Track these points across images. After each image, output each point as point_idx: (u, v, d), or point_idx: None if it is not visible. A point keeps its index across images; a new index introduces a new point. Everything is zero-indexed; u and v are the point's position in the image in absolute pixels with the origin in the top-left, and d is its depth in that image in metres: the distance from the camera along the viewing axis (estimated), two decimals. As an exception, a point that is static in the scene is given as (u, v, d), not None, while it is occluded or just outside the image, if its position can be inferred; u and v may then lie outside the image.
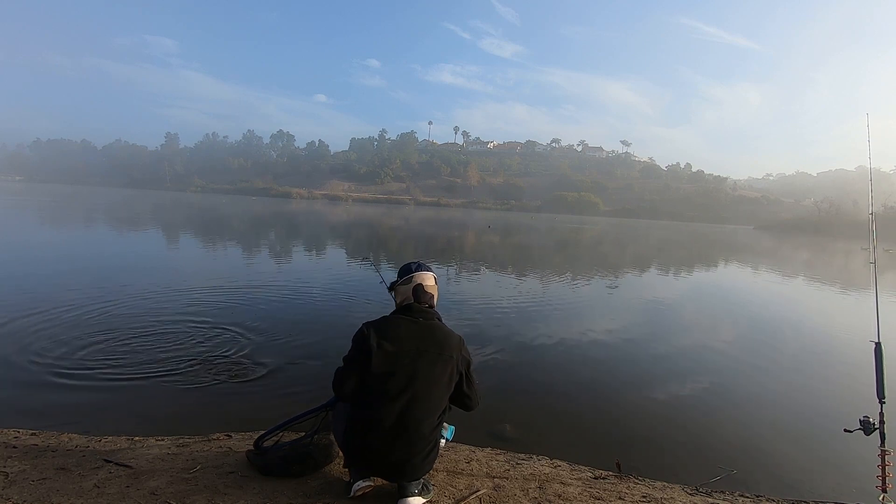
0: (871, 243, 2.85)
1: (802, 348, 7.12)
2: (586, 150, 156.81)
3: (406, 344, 2.16)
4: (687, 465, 3.34)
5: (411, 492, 2.14)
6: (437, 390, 2.16)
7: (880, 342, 2.54)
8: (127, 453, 2.66)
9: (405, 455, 2.08)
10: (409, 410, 2.09)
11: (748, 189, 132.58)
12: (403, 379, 2.11)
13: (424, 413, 2.11)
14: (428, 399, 2.13)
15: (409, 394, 2.10)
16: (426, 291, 2.31)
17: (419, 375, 2.12)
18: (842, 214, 65.69)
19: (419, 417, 2.10)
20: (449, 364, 2.18)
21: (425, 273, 2.35)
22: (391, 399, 2.09)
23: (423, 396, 2.12)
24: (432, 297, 2.33)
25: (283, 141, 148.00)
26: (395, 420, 2.08)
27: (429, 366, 2.14)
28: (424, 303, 2.30)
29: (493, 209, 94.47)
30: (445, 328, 2.29)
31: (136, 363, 4.46)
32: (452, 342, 2.23)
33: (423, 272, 2.35)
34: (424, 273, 2.34)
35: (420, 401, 2.11)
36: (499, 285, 10.97)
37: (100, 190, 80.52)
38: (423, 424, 2.10)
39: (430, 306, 2.32)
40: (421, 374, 2.13)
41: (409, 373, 2.12)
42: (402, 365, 2.13)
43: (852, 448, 3.46)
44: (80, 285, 7.53)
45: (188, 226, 23.49)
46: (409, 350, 2.16)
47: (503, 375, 4.76)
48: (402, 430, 2.08)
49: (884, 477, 2.38)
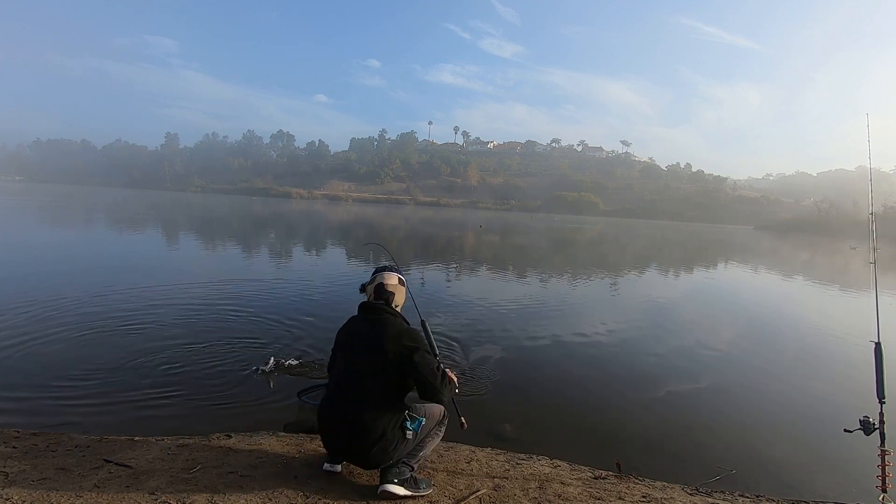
0: (871, 243, 2.85)
1: (802, 348, 7.11)
2: (586, 150, 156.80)
3: (350, 338, 2.40)
4: (687, 465, 3.34)
5: (389, 479, 2.28)
6: (372, 382, 2.29)
7: (880, 342, 2.54)
8: (127, 453, 2.66)
9: (349, 442, 2.28)
10: (343, 401, 2.30)
11: (748, 189, 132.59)
12: (340, 371, 2.37)
13: (358, 403, 2.26)
14: (360, 390, 2.28)
15: (344, 385, 2.33)
16: (386, 290, 2.48)
17: (352, 368, 2.33)
18: (842, 214, 65.72)
19: (354, 408, 2.26)
20: (382, 356, 2.29)
21: (388, 273, 2.53)
22: (332, 390, 2.39)
23: (355, 388, 2.29)
24: (392, 294, 2.49)
25: (283, 141, 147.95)
26: (335, 409, 2.32)
27: (362, 358, 2.32)
28: (381, 299, 2.47)
29: (492, 209, 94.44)
30: (390, 321, 2.40)
31: (137, 363, 4.45)
32: (390, 334, 2.34)
33: (387, 272, 2.54)
34: (387, 273, 2.53)
35: (353, 392, 2.29)
36: (497, 285, 10.97)
37: (102, 190, 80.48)
38: (361, 414, 2.24)
39: (387, 302, 2.47)
40: (354, 366, 2.33)
41: (343, 366, 2.36)
42: (342, 358, 2.38)
43: (852, 448, 3.46)
44: (82, 285, 7.54)
45: (191, 225, 23.49)
46: (349, 344, 2.39)
47: (503, 375, 4.76)
48: (341, 419, 2.28)
49: (884, 477, 2.38)
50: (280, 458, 2.67)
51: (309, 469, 2.53)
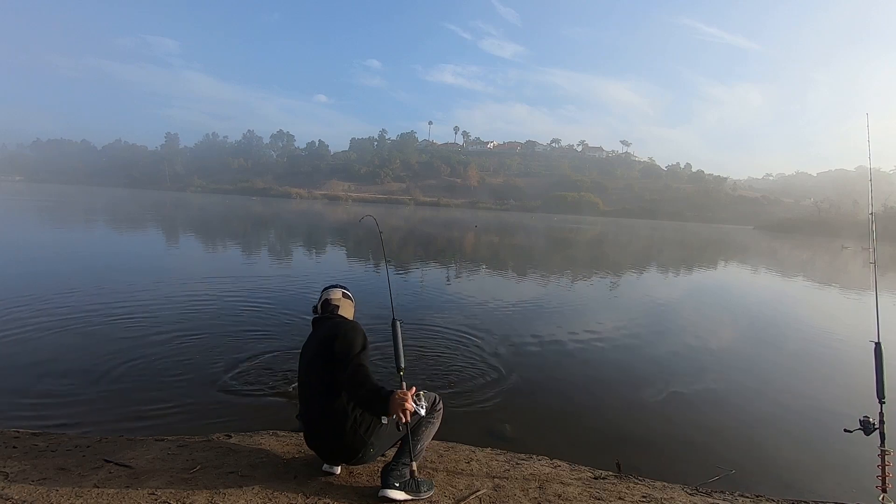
0: (872, 243, 2.86)
1: (802, 348, 7.12)
2: (586, 150, 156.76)
3: (304, 350, 2.60)
4: (687, 465, 3.34)
5: (389, 483, 2.29)
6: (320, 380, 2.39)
7: (880, 342, 2.54)
8: (127, 453, 2.66)
9: (325, 444, 2.41)
10: (306, 402, 2.47)
11: (748, 189, 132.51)
12: (300, 376, 2.54)
13: (316, 401, 2.39)
14: (314, 392, 2.41)
15: (303, 388, 2.51)
16: (331, 304, 2.70)
17: (305, 369, 2.50)
18: (842, 214, 65.73)
19: (314, 406, 2.40)
20: (323, 350, 2.41)
21: (333, 289, 2.76)
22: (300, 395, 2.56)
23: (310, 391, 2.44)
24: (336, 307, 2.70)
25: (283, 141, 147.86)
26: (305, 417, 2.46)
27: (308, 361, 2.49)
28: (327, 312, 2.69)
29: (492, 209, 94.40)
30: (335, 322, 2.55)
31: (136, 363, 4.46)
32: (329, 329, 2.48)
33: (332, 289, 2.76)
34: (332, 289, 2.76)
35: (310, 395, 2.43)
36: (496, 285, 10.98)
37: (102, 190, 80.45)
38: (323, 414, 2.35)
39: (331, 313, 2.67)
40: (306, 368, 2.49)
41: (301, 370, 2.54)
42: (301, 366, 2.55)
43: (852, 448, 3.46)
44: (82, 285, 7.54)
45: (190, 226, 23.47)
46: (302, 354, 2.59)
47: (503, 376, 4.76)
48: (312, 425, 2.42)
49: (884, 477, 2.38)
50: (280, 458, 2.67)
51: (309, 469, 2.53)
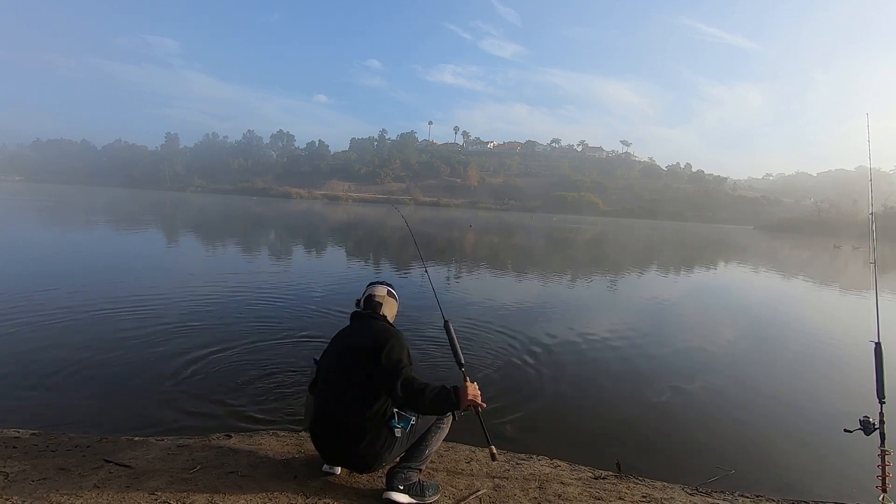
0: (872, 243, 2.86)
1: (802, 348, 7.11)
2: (586, 150, 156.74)
3: (337, 343, 2.48)
4: (687, 465, 3.34)
5: (394, 486, 2.26)
6: (351, 383, 2.30)
7: (880, 342, 2.54)
8: (127, 453, 2.66)
9: (336, 447, 2.32)
10: (328, 402, 2.34)
11: (748, 189, 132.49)
12: (326, 373, 2.42)
13: (341, 404, 2.29)
14: (341, 393, 2.31)
15: (328, 386, 2.37)
16: (374, 300, 2.59)
17: (336, 369, 2.37)
18: (842, 214, 65.72)
19: (337, 409, 2.29)
20: (365, 359, 2.31)
21: (378, 286, 2.67)
22: (320, 391, 2.42)
23: (337, 391, 2.33)
24: (380, 304, 2.59)
25: (283, 141, 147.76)
26: (321, 410, 2.36)
27: (345, 360, 2.36)
28: (370, 308, 2.58)
29: (493, 209, 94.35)
30: (377, 327, 2.46)
31: (137, 363, 4.46)
32: (373, 338, 2.37)
33: (377, 285, 2.67)
34: (377, 286, 2.67)
35: (336, 393, 2.32)
36: (495, 285, 10.97)
37: (102, 190, 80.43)
38: (343, 417, 2.26)
39: (374, 311, 2.57)
40: (337, 368, 2.37)
41: (328, 366, 2.41)
42: (328, 361, 2.44)
43: (852, 448, 3.46)
44: (82, 285, 7.54)
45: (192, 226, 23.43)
46: (336, 347, 2.46)
47: (503, 376, 4.76)
48: (326, 420, 2.32)
49: (884, 477, 2.38)
50: (280, 458, 2.67)
51: (309, 469, 2.52)
